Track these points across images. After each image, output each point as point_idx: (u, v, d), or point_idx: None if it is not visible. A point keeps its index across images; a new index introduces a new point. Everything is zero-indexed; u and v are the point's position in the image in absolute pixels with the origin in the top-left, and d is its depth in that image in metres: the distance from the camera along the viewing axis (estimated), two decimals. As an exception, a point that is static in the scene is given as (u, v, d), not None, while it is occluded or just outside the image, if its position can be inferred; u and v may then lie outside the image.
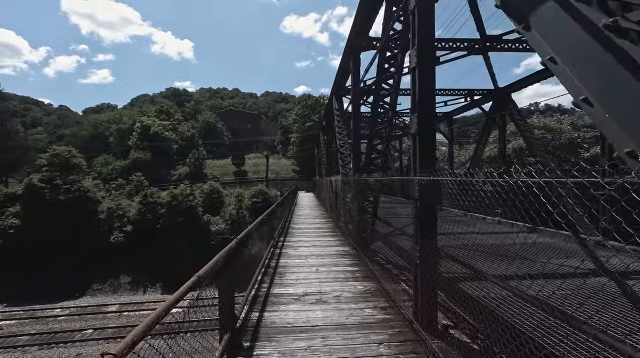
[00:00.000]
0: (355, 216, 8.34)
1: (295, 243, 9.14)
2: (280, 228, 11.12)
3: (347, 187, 10.20)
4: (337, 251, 8.07)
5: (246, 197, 34.96)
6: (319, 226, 12.23)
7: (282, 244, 8.91)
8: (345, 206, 10.25)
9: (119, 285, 29.48)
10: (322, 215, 15.95)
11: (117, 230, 30.90)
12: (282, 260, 7.29)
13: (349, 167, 11.05)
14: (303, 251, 8.09)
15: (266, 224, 7.78)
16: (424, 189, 3.93)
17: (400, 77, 6.99)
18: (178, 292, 1.97)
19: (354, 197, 8.49)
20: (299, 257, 7.48)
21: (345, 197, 10.34)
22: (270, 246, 8.12)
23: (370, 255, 6.87)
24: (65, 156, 31.41)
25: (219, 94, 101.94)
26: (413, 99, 4.14)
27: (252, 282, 5.19)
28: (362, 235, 7.66)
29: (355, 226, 8.29)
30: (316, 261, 7.12)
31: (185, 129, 53.64)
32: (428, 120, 3.99)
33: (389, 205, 8.31)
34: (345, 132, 12.14)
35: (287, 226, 12.10)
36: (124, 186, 36.68)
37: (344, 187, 10.47)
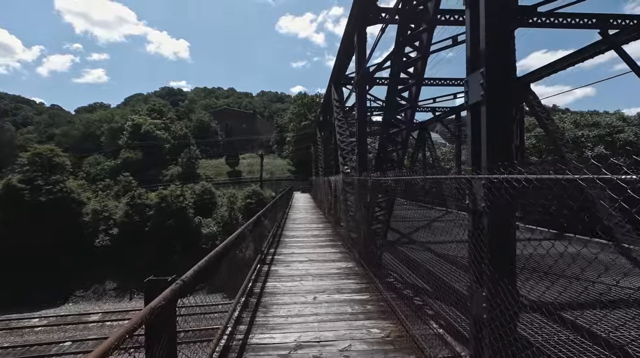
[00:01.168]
0: (361, 224, 6.72)
1: (287, 257, 7.47)
2: (270, 236, 9.46)
3: (350, 188, 8.58)
4: (340, 269, 6.42)
5: (239, 198, 33.21)
6: (317, 233, 10.58)
7: (271, 258, 7.25)
8: (348, 211, 8.63)
9: (104, 292, 27.61)
10: (320, 219, 14.30)
11: (103, 233, 29.00)
12: (270, 282, 5.64)
13: (351, 165, 9.43)
14: (297, 269, 6.43)
15: (250, 235, 6.14)
16: (497, 196, 2.26)
17: (424, 64, 5.33)
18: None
19: (359, 201, 6.86)
20: (291, 278, 5.83)
21: (347, 199, 8.71)
22: (257, 261, 6.47)
23: (382, 276, 5.25)
24: (48, 155, 29.45)
25: (214, 94, 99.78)
26: (473, 48, 2.52)
27: (225, 322, 3.56)
28: (370, 248, 6.03)
29: (361, 236, 6.67)
30: (313, 284, 5.47)
31: (178, 128, 51.70)
32: (504, 80, 2.36)
33: (409, 213, 6.67)
34: (346, 126, 10.52)
35: (280, 233, 10.43)
36: (111, 187, 34.74)
37: (346, 188, 8.84)
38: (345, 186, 8.94)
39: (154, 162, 47.11)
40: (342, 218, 11.28)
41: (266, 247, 7.92)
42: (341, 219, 11.42)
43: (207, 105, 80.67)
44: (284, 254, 7.62)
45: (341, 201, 10.41)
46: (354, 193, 7.68)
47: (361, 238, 6.73)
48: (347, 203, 8.74)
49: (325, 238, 9.64)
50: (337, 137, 10.31)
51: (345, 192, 8.92)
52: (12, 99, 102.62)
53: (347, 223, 8.89)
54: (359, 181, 6.63)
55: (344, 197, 8.84)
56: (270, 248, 8.20)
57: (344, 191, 8.99)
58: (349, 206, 8.59)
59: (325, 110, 15.81)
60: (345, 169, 9.50)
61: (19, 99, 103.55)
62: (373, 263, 5.78)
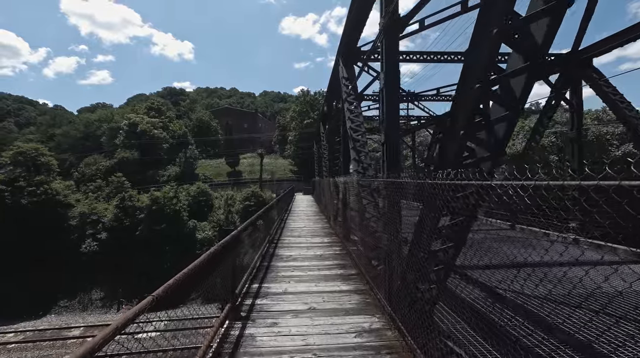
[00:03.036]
0: (392, 254, 4.04)
1: (276, 301, 4.77)
2: (258, 258, 6.77)
3: (368, 193, 5.89)
4: (362, 335, 3.70)
5: (238, 200, 30.58)
6: (321, 253, 7.85)
7: (249, 306, 4.54)
8: (367, 226, 5.92)
9: (90, 302, 25.05)
10: (324, 229, 11.58)
11: (90, 238, 26.44)
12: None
13: (366, 162, 6.72)
14: (288, 333, 3.72)
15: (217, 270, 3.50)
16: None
17: None
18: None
19: (389, 217, 4.17)
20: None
21: (364, 209, 6.00)
22: (224, 315, 3.80)
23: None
24: (32, 154, 26.96)
25: (216, 94, 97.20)
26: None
27: None
28: (413, 301, 3.33)
29: (392, 272, 3.98)
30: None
31: (177, 127, 49.16)
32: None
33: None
34: (359, 110, 7.81)
35: (272, 253, 7.72)
36: (102, 188, 32.22)
37: (362, 193, 6.14)
38: (361, 190, 6.23)
39: (152, 162, 44.68)
40: (353, 230, 8.58)
41: (246, 282, 5.22)
42: (352, 229, 8.72)
43: (209, 105, 78.18)
44: (271, 296, 4.89)
45: (352, 210, 7.70)
46: (379, 203, 5.00)
47: (392, 275, 4.04)
48: (364, 215, 6.03)
49: (333, 262, 6.91)
50: (347, 125, 7.60)
51: (360, 199, 6.21)
52: (16, 99, 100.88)
53: (363, 243, 6.19)
54: (393, 185, 3.93)
55: (359, 206, 6.13)
56: (253, 283, 5.49)
57: (360, 197, 6.28)
58: (367, 220, 5.88)
59: (330, 96, 13.10)
60: (359, 167, 6.80)
61: (22, 100, 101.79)
62: (420, 326, 3.08)
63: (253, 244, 6.68)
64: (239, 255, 4.99)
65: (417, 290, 3.39)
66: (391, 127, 4.52)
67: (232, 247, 4.22)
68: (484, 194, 2.40)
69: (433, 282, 3.28)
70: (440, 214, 2.75)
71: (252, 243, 6.72)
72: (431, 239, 2.96)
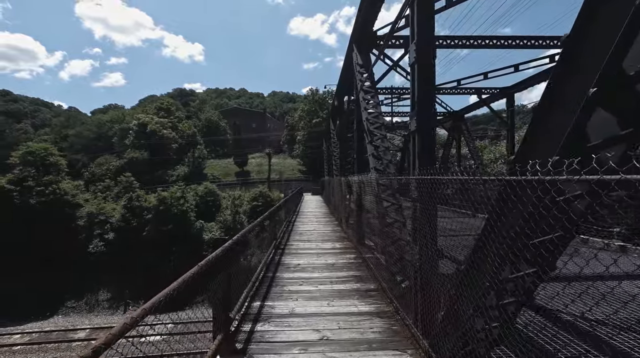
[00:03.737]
0: (431, 277, 3.10)
1: (281, 328, 3.86)
2: (261, 267, 5.88)
3: (390, 195, 4.95)
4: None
5: (245, 200, 29.87)
6: (333, 261, 6.90)
7: (249, 334, 3.64)
8: (388, 234, 4.98)
9: (97, 303, 24.62)
10: (336, 233, 10.64)
11: (98, 238, 26.03)
12: None
13: (386, 159, 5.78)
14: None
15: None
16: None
17: None
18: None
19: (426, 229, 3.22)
20: None
21: (385, 213, 5.05)
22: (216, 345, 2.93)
23: None
24: (41, 154, 26.70)
25: (225, 94, 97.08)
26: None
27: None
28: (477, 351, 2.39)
29: (438, 299, 3.04)
30: None
31: (186, 127, 48.84)
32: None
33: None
34: (376, 100, 6.85)
35: (277, 261, 6.81)
36: (111, 188, 31.90)
37: (383, 194, 5.19)
38: (381, 191, 5.28)
39: (161, 162, 44.43)
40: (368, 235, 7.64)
41: (246, 300, 4.32)
42: (367, 235, 7.78)
43: (218, 106, 77.99)
44: (274, 320, 3.98)
45: (369, 213, 6.75)
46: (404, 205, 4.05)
47: (424, 295, 3.10)
48: (384, 220, 5.08)
49: (347, 274, 5.96)
50: (363, 116, 6.65)
51: (380, 201, 5.26)
52: (32, 101, 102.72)
53: (384, 251, 5.25)
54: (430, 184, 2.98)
55: (380, 209, 5.18)
56: (254, 301, 4.59)
57: (379, 199, 5.33)
58: (390, 225, 4.93)
59: (341, 91, 12.13)
60: (379, 164, 5.84)
61: (38, 102, 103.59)
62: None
63: (255, 252, 5.80)
64: (237, 267, 4.11)
65: (472, 327, 2.44)
66: (424, 110, 3.56)
67: (224, 262, 3.32)
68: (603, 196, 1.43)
69: (496, 319, 2.32)
70: (530, 229, 1.78)
71: (255, 251, 5.85)
72: (504, 263, 2.00)
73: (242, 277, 4.47)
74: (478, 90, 12.85)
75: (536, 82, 11.44)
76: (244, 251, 5.09)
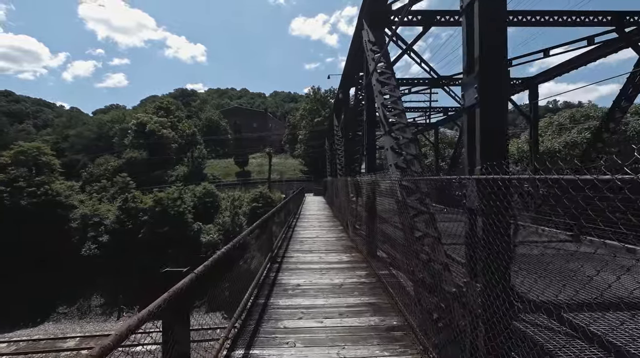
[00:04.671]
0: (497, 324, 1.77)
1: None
2: (253, 291, 4.59)
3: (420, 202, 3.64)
4: None
5: (245, 201, 28.59)
6: (341, 282, 5.55)
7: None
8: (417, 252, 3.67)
9: (89, 308, 23.38)
10: (341, 241, 9.32)
11: (91, 240, 24.81)
12: None
13: (409, 153, 4.47)
14: None
15: None
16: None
17: None
18: None
19: (487, 241, 1.89)
20: None
21: (413, 225, 3.74)
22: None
23: None
24: (33, 154, 25.50)
25: (227, 94, 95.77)
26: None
27: None
28: None
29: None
30: None
31: (186, 127, 47.62)
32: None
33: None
34: (393, 83, 5.52)
35: (273, 281, 5.49)
36: (107, 188, 30.68)
37: (409, 199, 3.88)
38: (405, 194, 3.96)
39: (160, 162, 43.21)
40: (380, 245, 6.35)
41: (222, 348, 3.02)
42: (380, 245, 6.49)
43: (219, 105, 76.77)
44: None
45: (385, 221, 5.45)
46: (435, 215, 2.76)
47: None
48: (411, 233, 3.77)
49: (360, 301, 4.63)
50: (377, 103, 5.32)
51: (405, 208, 3.95)
52: (34, 102, 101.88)
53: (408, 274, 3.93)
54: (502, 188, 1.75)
55: (405, 218, 3.86)
56: (236, 348, 3.28)
57: (403, 206, 4.02)
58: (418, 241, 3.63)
59: (347, 80, 10.77)
60: (400, 160, 4.52)
61: (40, 103, 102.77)
62: None
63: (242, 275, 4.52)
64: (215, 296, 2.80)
65: None
66: (494, 70, 2.25)
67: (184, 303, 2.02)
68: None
69: None
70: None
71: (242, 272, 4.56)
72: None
73: (222, 311, 3.16)
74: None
75: (566, 69, 10.09)
76: (230, 270, 3.80)
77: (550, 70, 10.59)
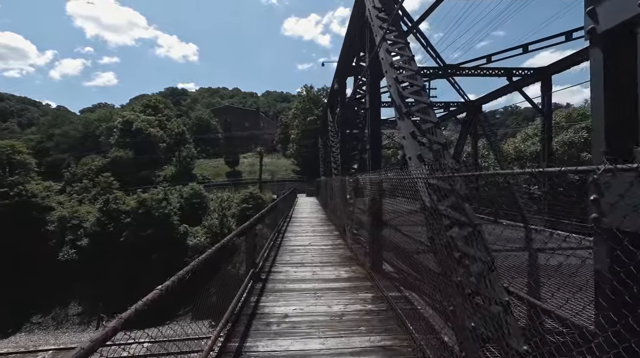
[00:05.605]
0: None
1: None
2: (224, 326, 3.30)
3: (458, 210, 2.38)
4: None
5: (235, 202, 27.14)
6: (342, 310, 4.27)
7: None
8: (457, 284, 2.43)
9: (66, 318, 21.64)
10: (338, 250, 8.07)
11: (69, 244, 23.07)
12: None
13: (436, 141, 3.20)
14: None
15: None
16: None
17: None
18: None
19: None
20: None
21: (450, 242, 2.50)
22: None
23: None
24: (7, 152, 23.61)
25: (218, 93, 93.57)
26: None
27: None
28: None
29: None
30: None
31: (175, 126, 45.78)
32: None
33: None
34: (408, 54, 4.29)
35: (253, 311, 4.20)
36: (89, 189, 28.86)
37: (442, 206, 2.64)
38: (435, 197, 2.73)
39: (148, 162, 41.32)
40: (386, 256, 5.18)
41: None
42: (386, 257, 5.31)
43: (210, 104, 74.78)
44: None
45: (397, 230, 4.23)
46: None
47: None
48: (448, 251, 2.54)
49: (370, 342, 3.38)
50: (388, 78, 4.09)
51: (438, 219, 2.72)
52: (19, 100, 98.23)
53: (451, 316, 2.70)
54: None
55: (441, 237, 2.62)
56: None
57: (432, 214, 2.79)
58: (460, 264, 2.40)
59: (344, 66, 9.47)
60: (426, 150, 3.29)
61: (25, 101, 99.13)
62: None
63: (211, 306, 3.25)
64: None
65: None
66: None
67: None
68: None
69: None
70: None
71: (210, 302, 3.30)
72: None
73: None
74: (508, 72, 10.39)
75: (584, 58, 9.02)
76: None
77: (567, 59, 9.51)
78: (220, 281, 3.82)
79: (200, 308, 3.48)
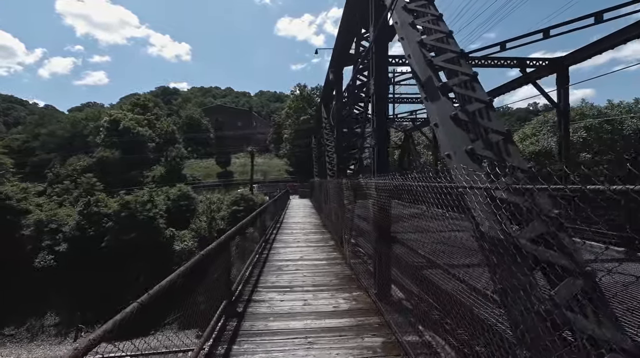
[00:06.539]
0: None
1: None
2: None
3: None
4: None
5: (225, 204, 25.75)
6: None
7: None
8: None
9: (42, 329, 20.01)
10: (334, 267, 6.85)
11: (47, 250, 21.45)
12: None
13: (498, 129, 1.92)
14: None
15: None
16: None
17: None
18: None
19: None
20: None
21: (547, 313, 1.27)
22: None
23: None
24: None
25: (210, 93, 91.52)
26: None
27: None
28: None
29: None
30: None
31: (165, 125, 44.09)
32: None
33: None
34: (434, 14, 3.09)
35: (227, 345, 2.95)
36: (70, 191, 27.15)
37: (524, 240, 1.41)
38: (507, 227, 1.51)
39: (137, 162, 39.59)
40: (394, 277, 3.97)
41: None
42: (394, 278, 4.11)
43: (202, 104, 72.87)
44: None
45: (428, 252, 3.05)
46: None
47: None
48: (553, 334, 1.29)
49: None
50: (409, 46, 2.91)
51: (502, 256, 1.47)
52: (5, 99, 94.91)
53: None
54: None
55: (528, 304, 1.39)
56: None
57: (499, 250, 1.55)
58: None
59: (341, 54, 8.27)
60: (481, 140, 2.08)
61: (11, 99, 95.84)
62: None
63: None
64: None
65: None
66: None
67: None
68: None
69: None
70: None
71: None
72: None
73: None
74: (521, 62, 9.31)
75: (609, 45, 7.96)
76: None
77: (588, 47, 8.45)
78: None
79: None
